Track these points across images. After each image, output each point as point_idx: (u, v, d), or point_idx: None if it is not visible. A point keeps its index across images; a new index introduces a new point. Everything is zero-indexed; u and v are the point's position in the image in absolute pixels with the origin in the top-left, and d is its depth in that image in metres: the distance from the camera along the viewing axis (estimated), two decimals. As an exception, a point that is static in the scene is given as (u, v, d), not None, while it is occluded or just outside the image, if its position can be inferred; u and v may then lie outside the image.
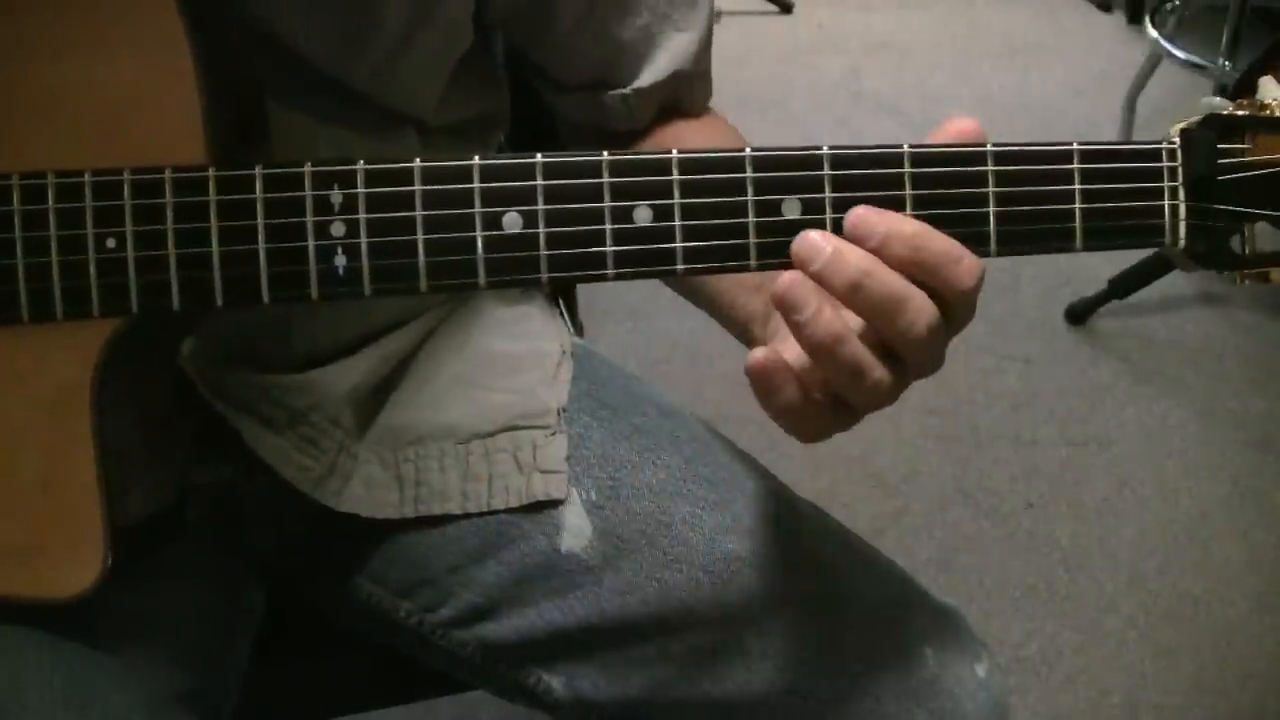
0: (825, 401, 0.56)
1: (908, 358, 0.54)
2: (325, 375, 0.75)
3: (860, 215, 0.54)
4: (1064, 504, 1.78)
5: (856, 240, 0.53)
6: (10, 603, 0.60)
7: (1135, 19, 3.25)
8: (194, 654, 0.72)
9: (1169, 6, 2.59)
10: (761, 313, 0.70)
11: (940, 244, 0.53)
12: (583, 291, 1.04)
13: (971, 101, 2.89)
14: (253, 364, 0.74)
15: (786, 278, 0.53)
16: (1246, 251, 0.57)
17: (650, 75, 0.76)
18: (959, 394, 1.99)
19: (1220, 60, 2.25)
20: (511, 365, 0.80)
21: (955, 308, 0.54)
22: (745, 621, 0.71)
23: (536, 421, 0.77)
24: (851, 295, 0.52)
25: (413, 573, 0.77)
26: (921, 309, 0.53)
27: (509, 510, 0.75)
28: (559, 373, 0.80)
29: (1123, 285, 2.12)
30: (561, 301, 0.90)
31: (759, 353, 0.54)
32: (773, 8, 3.35)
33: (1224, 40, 2.20)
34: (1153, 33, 2.49)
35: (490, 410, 0.77)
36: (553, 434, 0.76)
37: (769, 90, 2.93)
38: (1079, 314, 2.14)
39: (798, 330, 0.53)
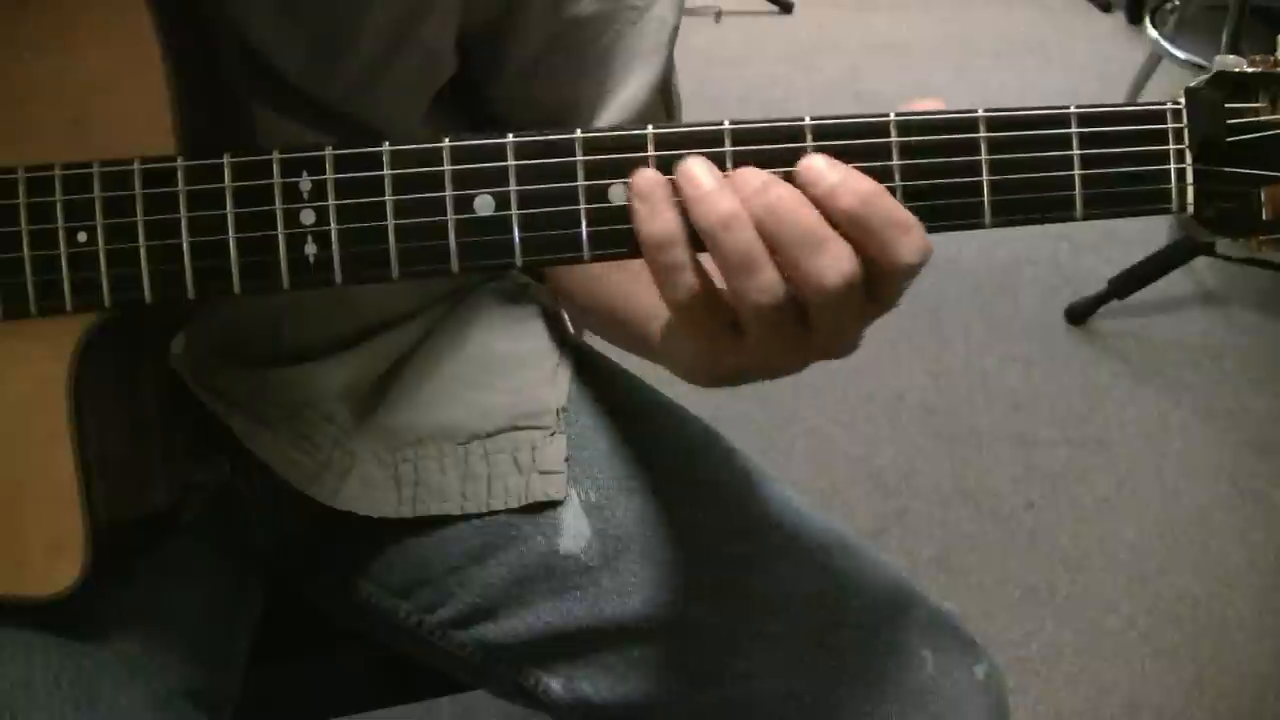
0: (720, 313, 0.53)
1: (815, 314, 0.51)
2: (318, 370, 0.75)
3: (812, 161, 0.51)
4: (1064, 504, 1.78)
5: (804, 185, 0.51)
6: None
7: (1135, 19, 3.24)
8: (198, 651, 0.72)
9: (1169, 6, 2.59)
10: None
11: (891, 205, 0.50)
12: (582, 291, 1.04)
13: (971, 102, 2.86)
14: (244, 359, 0.74)
15: (691, 157, 0.51)
16: (1264, 216, 0.54)
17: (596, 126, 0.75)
18: (959, 394, 1.99)
19: (1220, 60, 2.24)
20: (511, 365, 0.80)
21: (884, 281, 0.51)
22: (743, 623, 0.71)
23: (536, 422, 0.76)
24: (768, 223, 0.50)
25: (412, 573, 0.77)
26: (840, 256, 0.50)
27: (508, 511, 0.75)
28: (558, 372, 0.80)
29: (1123, 285, 2.12)
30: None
31: (648, 170, 0.52)
32: (773, 8, 3.35)
33: (1224, 40, 2.20)
34: (1153, 33, 2.49)
35: (489, 410, 0.77)
36: (552, 434, 0.76)
37: (769, 90, 2.93)
38: (1079, 314, 2.14)
39: (692, 208, 0.51)
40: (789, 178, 0.51)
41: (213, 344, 0.73)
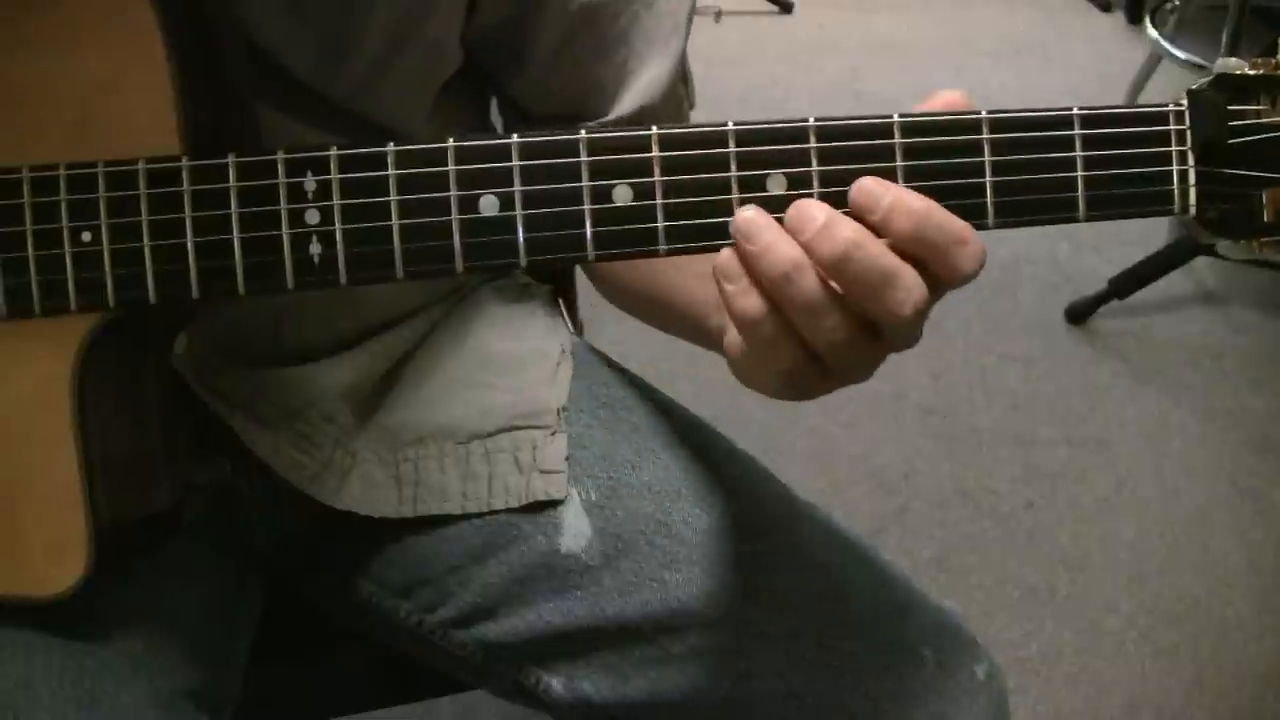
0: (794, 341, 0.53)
1: (890, 335, 0.52)
2: (319, 370, 0.75)
3: (866, 186, 0.51)
4: (1064, 504, 1.78)
5: (860, 211, 0.51)
6: None
7: (1135, 19, 3.25)
8: (199, 650, 0.72)
9: (1169, 6, 2.59)
10: (716, 299, 0.65)
11: (947, 223, 0.51)
12: (583, 290, 1.04)
13: (971, 102, 2.88)
14: (246, 360, 0.74)
15: (745, 210, 0.51)
16: (1265, 218, 0.54)
17: (617, 111, 0.75)
18: (959, 394, 1.99)
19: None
20: (511, 364, 0.80)
21: (944, 289, 0.52)
22: (744, 622, 0.71)
23: (536, 421, 0.77)
24: (840, 267, 0.50)
25: (412, 573, 0.77)
26: (911, 287, 0.50)
27: (509, 510, 0.75)
28: (559, 372, 0.80)
29: (1123, 285, 2.12)
30: (562, 300, 0.90)
31: (728, 252, 0.51)
32: (773, 8, 3.35)
33: (1224, 40, 2.20)
34: (1153, 33, 2.49)
35: (490, 410, 0.77)
36: (552, 434, 0.76)
37: (769, 90, 2.93)
38: (1079, 314, 2.14)
39: (751, 262, 0.50)
40: (840, 202, 0.52)
41: (215, 344, 0.73)
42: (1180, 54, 2.40)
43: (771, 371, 0.53)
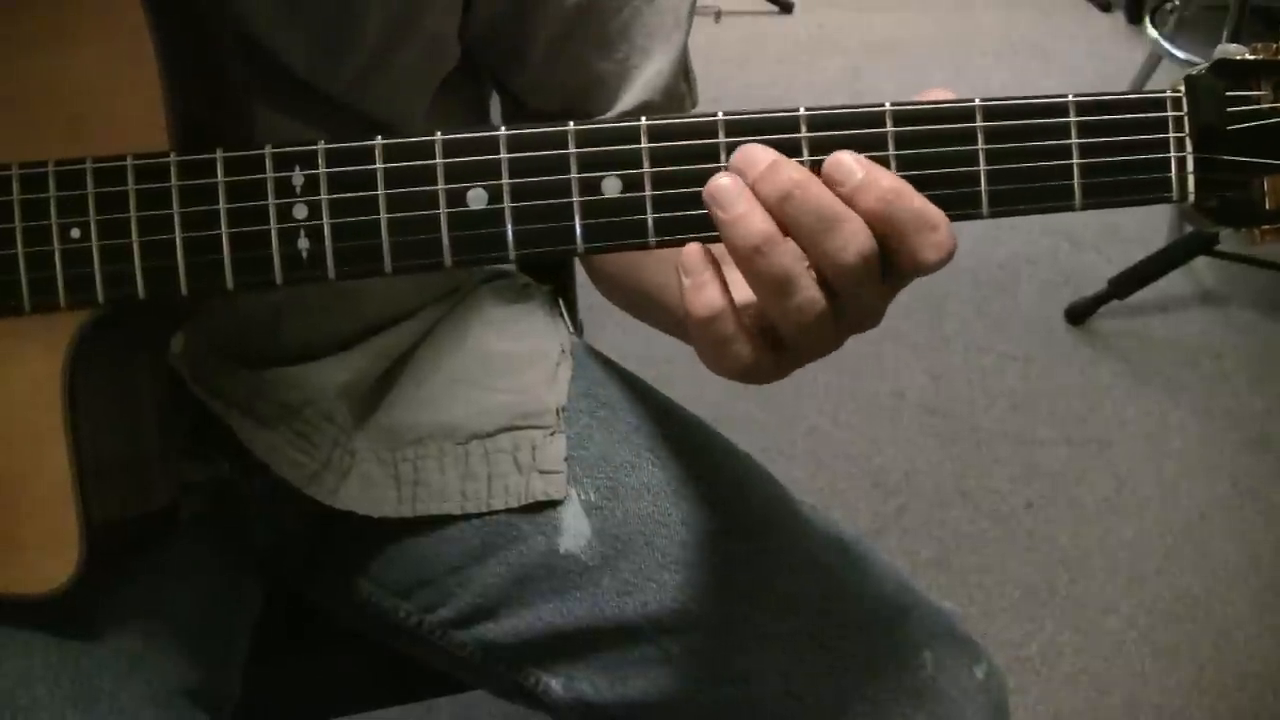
0: (754, 329, 0.53)
1: (840, 290, 0.51)
2: (318, 369, 0.75)
3: (839, 158, 0.51)
4: (1064, 504, 1.78)
5: (831, 184, 0.51)
6: None
7: (1135, 19, 3.24)
8: (199, 650, 0.72)
9: (1169, 6, 2.60)
10: None
11: (917, 205, 0.50)
12: (583, 291, 1.04)
13: (971, 101, 2.88)
14: (244, 359, 0.74)
15: (720, 176, 0.51)
16: (1267, 206, 0.53)
17: (619, 108, 0.74)
18: (959, 394, 1.98)
19: (1220, 60, 2.24)
20: (511, 365, 0.80)
21: (905, 274, 0.51)
22: (743, 623, 0.71)
23: (536, 421, 0.76)
24: (782, 206, 0.50)
25: (412, 573, 0.77)
26: (855, 233, 0.49)
27: (508, 511, 0.75)
28: (559, 372, 0.80)
29: (1123, 285, 2.12)
30: (561, 301, 0.89)
31: (694, 245, 0.52)
32: (773, 8, 3.34)
33: (1224, 40, 2.20)
34: (1153, 33, 2.49)
35: (489, 410, 0.77)
36: (552, 434, 0.76)
37: (769, 90, 2.93)
38: (1079, 314, 2.14)
39: (724, 230, 0.50)
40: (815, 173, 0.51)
41: (212, 343, 0.73)
42: (1180, 54, 2.40)
43: (727, 367, 0.53)
